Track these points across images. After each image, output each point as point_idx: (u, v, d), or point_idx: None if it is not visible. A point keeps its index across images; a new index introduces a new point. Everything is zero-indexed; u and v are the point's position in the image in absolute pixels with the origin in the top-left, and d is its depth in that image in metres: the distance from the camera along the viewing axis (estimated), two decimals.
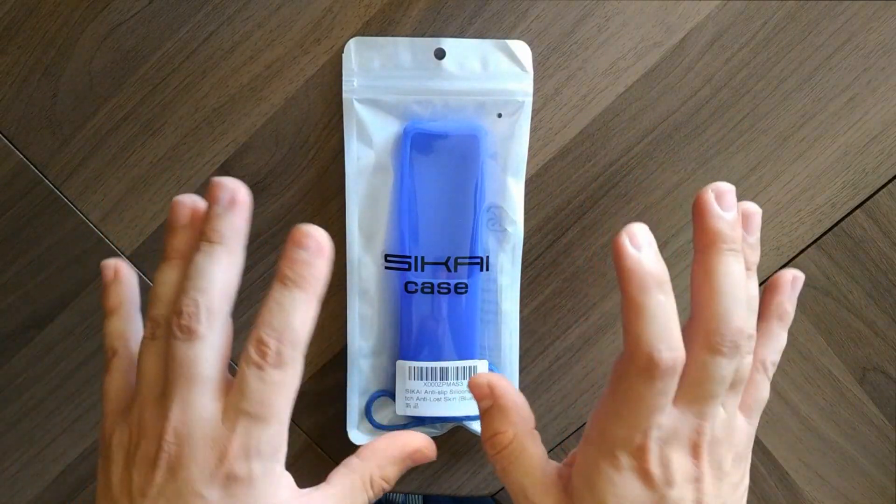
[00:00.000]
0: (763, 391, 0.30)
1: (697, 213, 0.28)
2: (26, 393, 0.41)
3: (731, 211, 0.28)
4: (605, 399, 0.28)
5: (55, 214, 0.38)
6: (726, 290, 0.27)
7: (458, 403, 0.37)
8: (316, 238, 0.27)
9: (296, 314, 0.26)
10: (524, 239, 0.38)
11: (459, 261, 0.36)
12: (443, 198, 0.36)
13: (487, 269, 0.37)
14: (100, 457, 0.28)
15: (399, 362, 0.37)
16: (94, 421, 0.41)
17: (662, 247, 0.38)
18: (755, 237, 0.30)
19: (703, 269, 0.28)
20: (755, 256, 0.30)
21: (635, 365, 0.26)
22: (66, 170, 0.38)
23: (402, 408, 0.37)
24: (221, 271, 0.27)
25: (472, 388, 0.30)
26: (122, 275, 0.31)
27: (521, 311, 0.38)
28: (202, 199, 0.29)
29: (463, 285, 0.37)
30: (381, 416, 0.39)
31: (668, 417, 0.27)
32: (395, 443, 0.30)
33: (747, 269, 0.29)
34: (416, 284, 0.37)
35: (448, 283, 0.37)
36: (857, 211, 0.38)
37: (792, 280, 0.31)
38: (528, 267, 0.39)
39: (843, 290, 0.39)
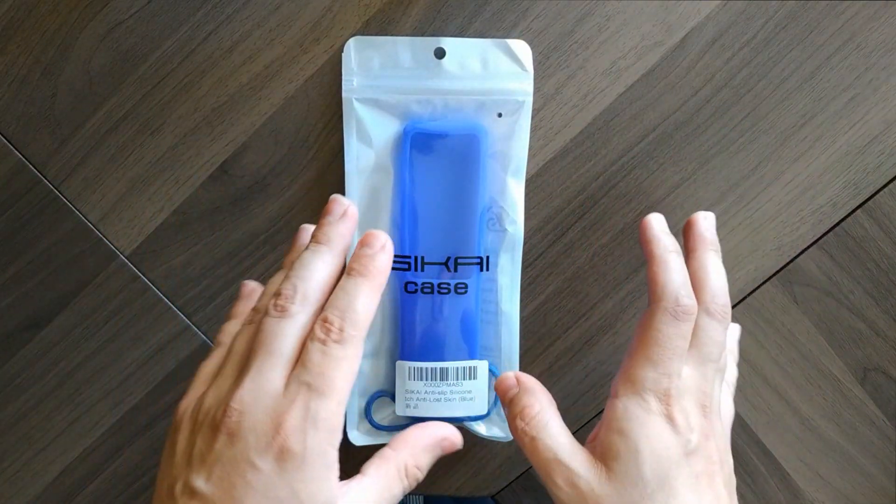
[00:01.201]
0: (734, 370, 0.36)
1: (691, 226, 0.35)
2: (25, 393, 0.40)
3: (713, 227, 0.35)
4: (634, 350, 0.31)
5: (54, 214, 0.38)
6: (719, 273, 0.33)
7: (459, 404, 0.37)
8: (379, 238, 0.30)
9: (359, 298, 0.29)
10: (524, 239, 0.38)
11: (459, 261, 0.36)
12: (443, 198, 0.36)
13: (487, 270, 0.37)
14: (170, 431, 0.29)
15: (399, 362, 0.37)
16: (94, 421, 0.41)
17: None
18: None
19: (700, 261, 0.33)
20: None
21: (662, 308, 0.31)
22: (65, 169, 0.38)
23: (402, 408, 0.37)
24: (322, 266, 0.30)
25: (501, 382, 0.33)
26: (246, 290, 0.35)
27: (521, 312, 0.38)
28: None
29: (463, 285, 0.36)
30: (381, 417, 0.38)
31: (685, 370, 0.31)
32: (424, 432, 0.31)
33: None
34: (416, 284, 0.37)
35: (448, 284, 0.36)
36: (859, 211, 0.38)
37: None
38: (529, 267, 0.39)
39: (845, 291, 0.39)
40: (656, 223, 0.34)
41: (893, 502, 0.40)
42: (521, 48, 0.36)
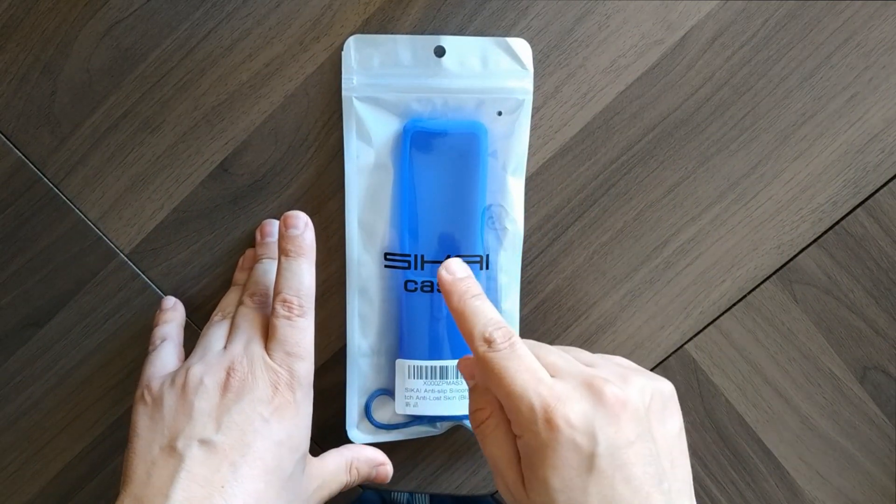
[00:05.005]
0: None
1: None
2: (25, 392, 0.40)
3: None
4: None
5: (54, 213, 0.38)
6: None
7: (458, 402, 0.37)
8: (301, 217, 0.35)
9: (304, 275, 0.34)
10: (524, 237, 0.38)
11: None
12: (443, 196, 0.36)
13: (487, 268, 0.37)
14: (145, 402, 0.33)
15: (399, 361, 0.37)
16: (94, 420, 0.41)
17: (663, 245, 0.38)
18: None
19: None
20: None
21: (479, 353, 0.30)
22: (65, 168, 0.38)
23: (402, 406, 0.37)
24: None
25: (461, 368, 0.33)
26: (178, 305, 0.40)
27: (521, 310, 0.38)
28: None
29: None
30: (381, 415, 0.38)
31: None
32: (372, 451, 0.37)
33: None
34: (415, 283, 0.37)
35: None
36: (858, 209, 0.38)
37: None
38: (528, 266, 0.39)
39: (844, 289, 0.39)
40: (446, 273, 0.32)
41: (893, 501, 0.40)
42: (521, 46, 0.36)
